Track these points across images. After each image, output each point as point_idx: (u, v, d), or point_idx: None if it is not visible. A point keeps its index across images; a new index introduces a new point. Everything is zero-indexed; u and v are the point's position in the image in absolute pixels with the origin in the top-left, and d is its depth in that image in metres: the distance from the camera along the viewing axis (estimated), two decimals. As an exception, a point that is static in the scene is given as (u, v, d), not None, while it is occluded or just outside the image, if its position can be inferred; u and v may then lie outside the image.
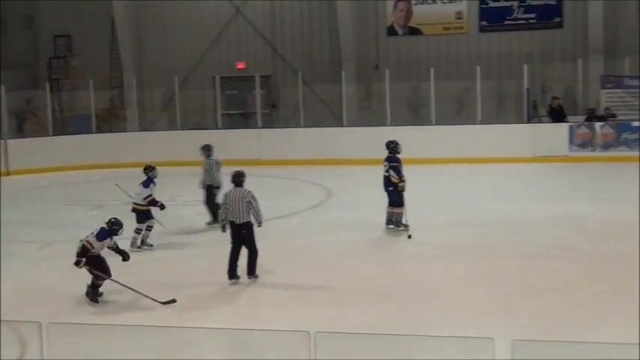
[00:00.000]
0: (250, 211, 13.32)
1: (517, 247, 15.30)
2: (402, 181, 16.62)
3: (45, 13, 33.64)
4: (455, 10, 30.41)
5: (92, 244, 12.32)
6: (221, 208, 13.74)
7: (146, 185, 15.83)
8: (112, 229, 12.51)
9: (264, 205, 13.73)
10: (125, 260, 12.85)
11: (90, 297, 12.47)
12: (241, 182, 13.58)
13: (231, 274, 13.38)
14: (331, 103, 30.41)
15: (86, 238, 12.38)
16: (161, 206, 15.91)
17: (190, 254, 15.79)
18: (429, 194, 17.52)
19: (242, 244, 13.40)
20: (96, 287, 12.50)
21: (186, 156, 24.89)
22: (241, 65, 32.30)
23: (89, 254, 12.32)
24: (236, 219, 13.31)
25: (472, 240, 16.00)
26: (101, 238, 12.40)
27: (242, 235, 13.36)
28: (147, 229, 15.90)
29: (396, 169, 16.63)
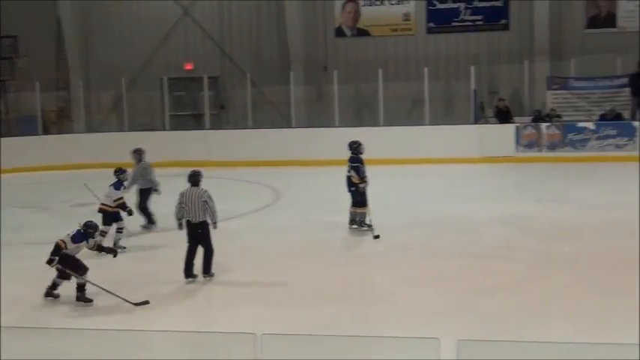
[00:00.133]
0: (206, 211, 13.39)
1: (464, 248, 15.38)
2: (363, 182, 16.67)
3: (-10, 14, 33.29)
4: (402, 12, 30.56)
5: (66, 244, 12.26)
6: (176, 207, 13.69)
7: (117, 187, 15.67)
8: (87, 232, 12.43)
9: (212, 207, 13.74)
10: (114, 256, 13.10)
11: (82, 299, 12.39)
12: (198, 182, 13.67)
13: (187, 273, 13.44)
14: (280, 105, 30.41)
15: (61, 238, 12.32)
16: (129, 212, 15.72)
17: (145, 255, 15.62)
18: (378, 195, 17.52)
19: (198, 243, 13.47)
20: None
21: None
22: (189, 66, 32.20)
23: (63, 253, 12.24)
24: (192, 218, 13.38)
25: (420, 240, 16.07)
26: (76, 241, 12.33)
27: (198, 235, 13.42)
28: (117, 232, 15.69)
29: (357, 170, 16.68)
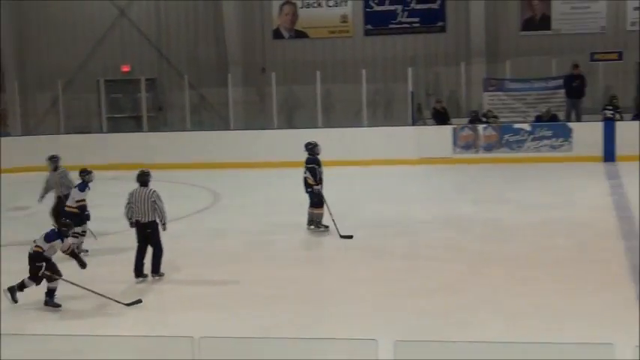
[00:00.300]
0: (155, 211, 13.48)
1: (404, 249, 15.49)
2: (317, 184, 16.70)
3: None
4: (340, 14, 30.61)
5: (42, 248, 12.13)
6: (125, 207, 13.74)
7: (82, 189, 15.39)
8: (61, 231, 12.31)
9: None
10: (82, 267, 12.65)
11: (50, 304, 12.26)
12: (146, 182, 13.77)
13: (137, 273, 13.55)
14: (218, 106, 30.30)
15: (36, 243, 12.17)
16: (87, 216, 15.38)
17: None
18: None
19: (147, 243, 13.58)
20: (53, 291, 12.31)
21: (71, 160, 24.57)
22: (126, 68, 31.90)
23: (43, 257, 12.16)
24: (141, 218, 13.50)
25: (360, 242, 16.10)
26: (50, 239, 12.19)
27: (147, 234, 13.54)
28: (80, 235, 15.36)
29: (312, 171, 16.70)
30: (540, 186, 21.55)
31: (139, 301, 12.26)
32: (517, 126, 26.03)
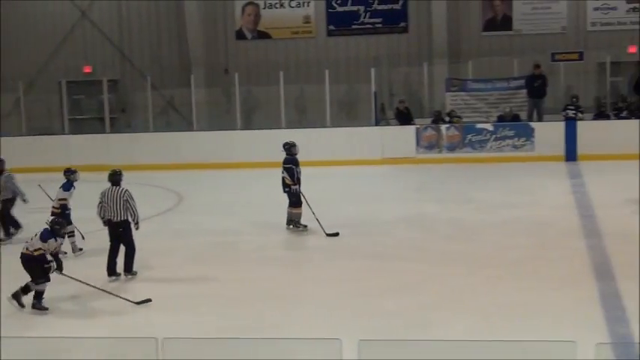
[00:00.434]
0: (128, 210, 13.68)
1: (368, 248, 15.51)
2: (295, 184, 16.76)
3: None
4: (303, 15, 30.62)
5: (43, 248, 12.11)
6: (98, 206, 13.86)
7: (66, 188, 15.34)
8: (54, 229, 12.27)
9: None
10: (59, 272, 12.45)
11: (37, 307, 12.16)
12: (118, 181, 13.96)
13: (110, 272, 13.68)
14: (181, 108, 30.20)
15: (34, 247, 12.09)
16: (67, 216, 15.09)
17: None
18: (280, 197, 17.56)
19: (120, 242, 13.76)
20: (41, 294, 12.23)
21: (33, 162, 24.58)
22: (88, 69, 31.70)
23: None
24: (113, 217, 13.67)
25: (324, 242, 16.12)
26: (45, 238, 12.15)
27: (119, 233, 13.72)
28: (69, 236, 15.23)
29: (289, 171, 16.73)
30: (503, 185, 21.67)
31: (149, 300, 12.30)
32: (480, 126, 26.15)
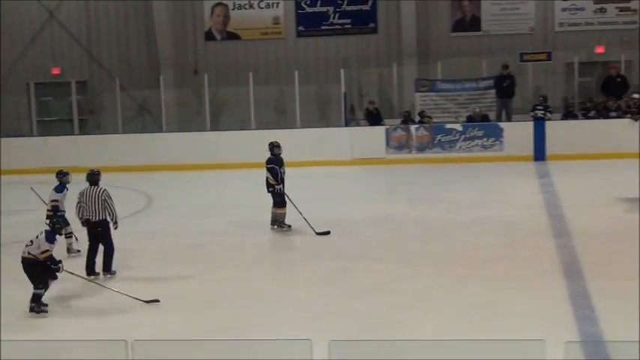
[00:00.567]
0: (106, 210, 13.75)
1: (339, 249, 15.50)
2: (278, 184, 16.76)
3: None
4: (272, 16, 30.59)
5: (49, 249, 12.06)
6: (76, 207, 13.95)
7: (59, 190, 15.24)
8: (55, 229, 12.27)
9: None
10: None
11: (36, 310, 12.04)
12: (96, 181, 14.02)
13: (89, 271, 13.74)
14: (151, 109, 30.10)
15: (44, 248, 11.99)
16: (60, 217, 14.79)
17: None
18: (250, 198, 17.57)
19: (99, 242, 13.86)
20: (40, 297, 12.13)
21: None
22: (56, 71, 31.52)
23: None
24: (92, 217, 13.75)
25: (295, 242, 16.16)
26: (52, 240, 12.12)
27: (98, 233, 13.81)
28: (67, 237, 15.15)
29: (272, 171, 16.74)
30: (472, 185, 21.74)
31: (157, 300, 12.31)
32: (449, 126, 26.25)
